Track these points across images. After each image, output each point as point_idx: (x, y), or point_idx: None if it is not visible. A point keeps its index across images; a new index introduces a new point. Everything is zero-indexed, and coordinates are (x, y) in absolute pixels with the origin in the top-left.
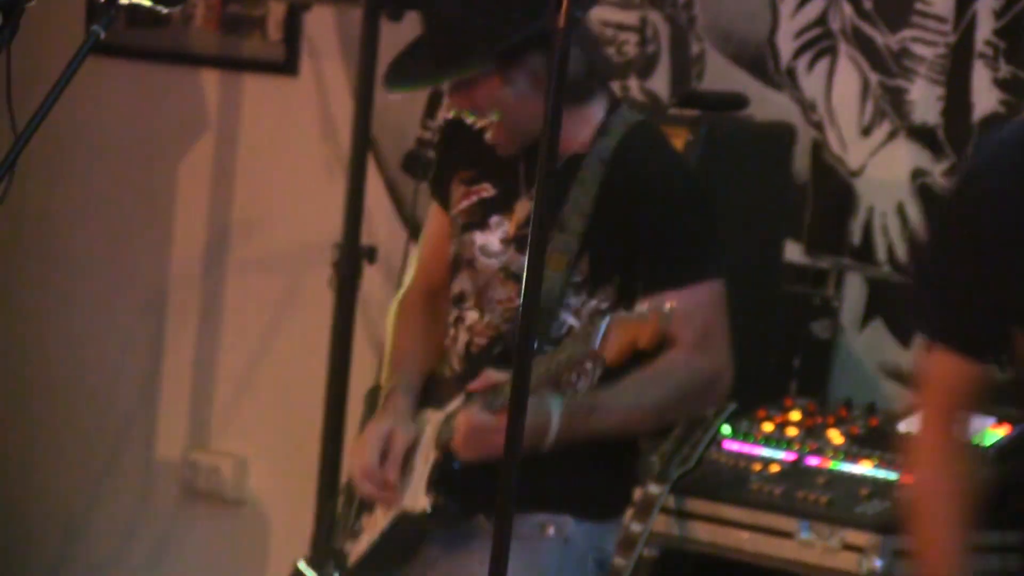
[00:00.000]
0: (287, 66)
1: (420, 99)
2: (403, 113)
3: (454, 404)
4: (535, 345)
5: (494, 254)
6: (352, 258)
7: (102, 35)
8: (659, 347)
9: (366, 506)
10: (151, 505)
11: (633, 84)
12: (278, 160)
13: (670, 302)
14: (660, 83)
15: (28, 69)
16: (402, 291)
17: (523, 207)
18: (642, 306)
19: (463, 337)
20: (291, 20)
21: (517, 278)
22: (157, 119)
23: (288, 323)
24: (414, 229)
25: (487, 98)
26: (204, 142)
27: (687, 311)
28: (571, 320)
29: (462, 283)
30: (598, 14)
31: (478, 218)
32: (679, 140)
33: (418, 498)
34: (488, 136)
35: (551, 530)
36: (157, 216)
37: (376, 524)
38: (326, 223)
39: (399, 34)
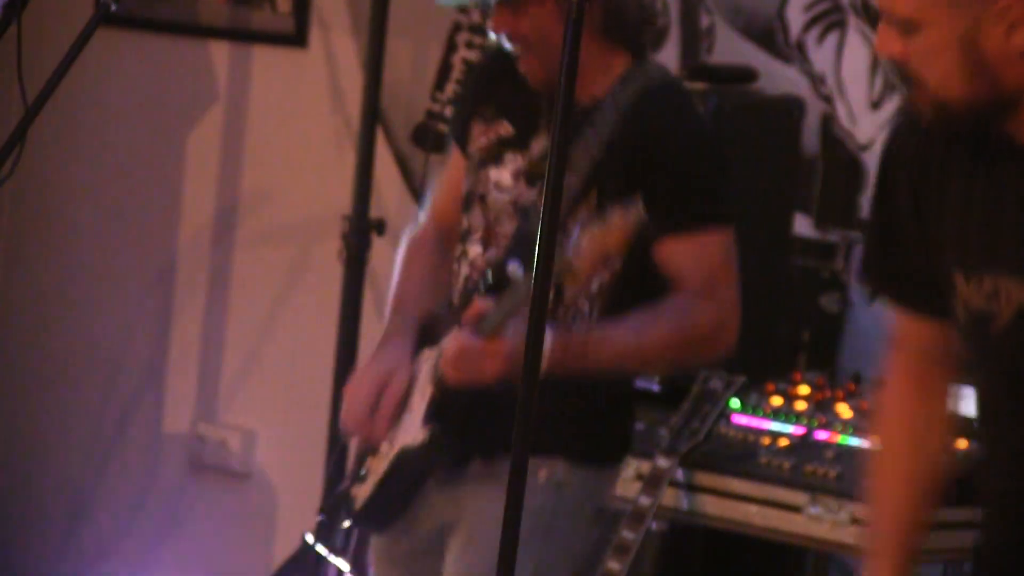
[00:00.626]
0: (296, 38)
1: (430, 72)
2: (413, 86)
3: (449, 339)
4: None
5: (506, 188)
6: (361, 230)
7: (113, 7)
8: (665, 291)
9: (370, 449)
10: (159, 478)
11: None
12: (287, 132)
13: (636, 206)
14: (670, 56)
15: (38, 41)
16: (413, 230)
17: (539, 143)
18: (612, 213)
19: (464, 271)
20: None
21: (523, 213)
22: (166, 91)
23: (297, 296)
24: (424, 202)
25: (533, 21)
26: (213, 114)
27: (695, 256)
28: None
29: (472, 218)
30: None
31: (495, 154)
32: None
33: (416, 432)
34: (521, 65)
35: (543, 474)
36: (166, 188)
37: (380, 466)
38: (335, 195)
39: (408, 7)
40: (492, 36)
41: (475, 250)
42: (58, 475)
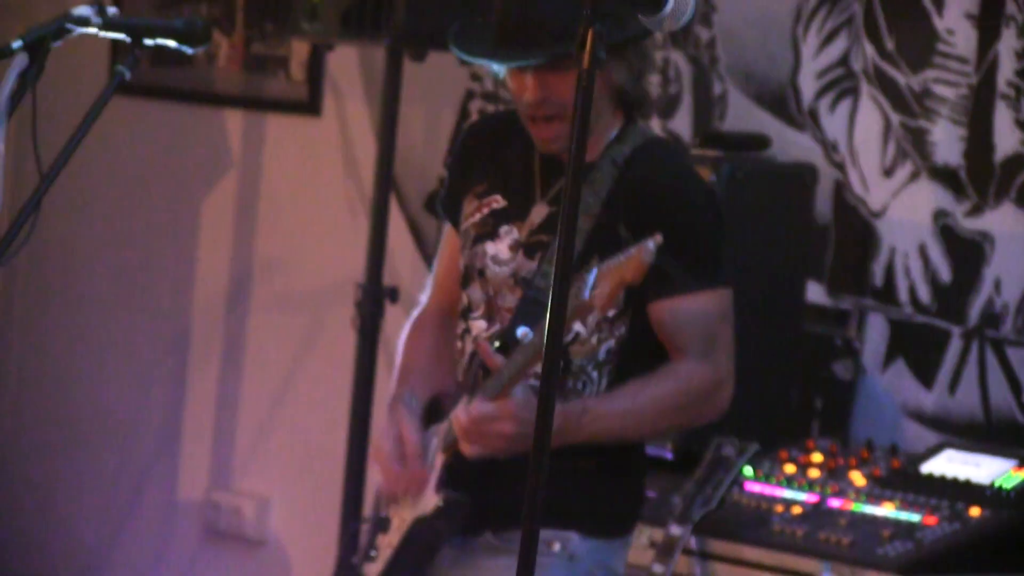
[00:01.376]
0: (310, 106)
1: (443, 139)
2: (426, 153)
3: (458, 409)
4: (529, 338)
5: (504, 262)
6: (374, 298)
7: (127, 76)
8: (663, 356)
9: (381, 526)
10: (173, 545)
11: (656, 124)
12: (301, 199)
13: (654, 239)
14: (683, 123)
15: (54, 109)
16: (416, 311)
17: (538, 212)
18: (630, 247)
19: (469, 347)
20: (314, 60)
21: (526, 283)
22: (181, 158)
23: (310, 363)
24: (426, 282)
25: (565, 87)
26: (228, 181)
27: (691, 319)
28: (579, 328)
29: (471, 293)
30: None
31: (489, 229)
32: None
33: (428, 500)
34: (547, 131)
35: (556, 546)
36: (180, 255)
37: (391, 543)
38: (349, 263)
39: (422, 75)
40: (522, 98)
41: (478, 326)
42: (73, 541)
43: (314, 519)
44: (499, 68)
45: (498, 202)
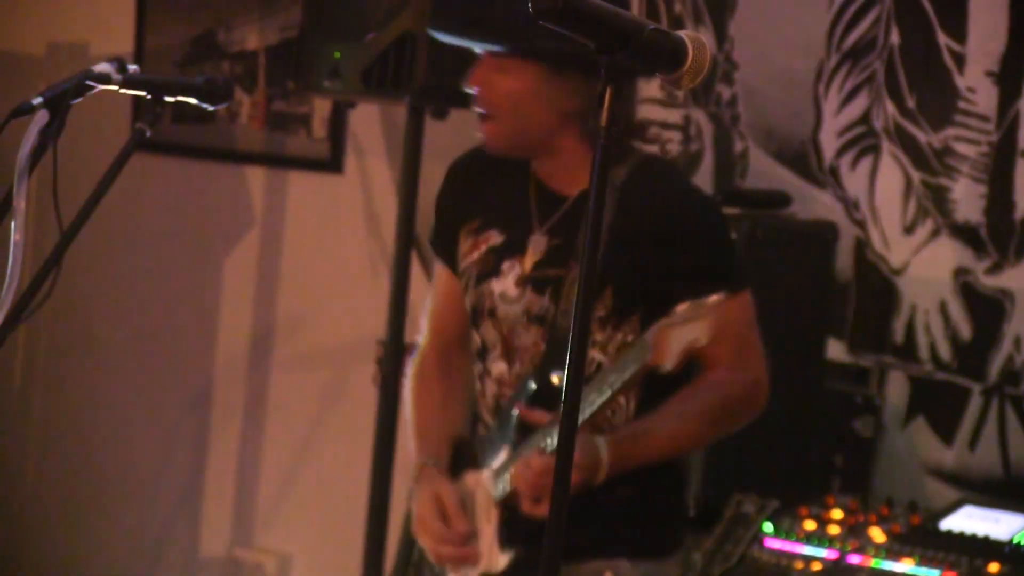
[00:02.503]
0: (332, 163)
1: None
2: None
3: (500, 459)
4: (579, 395)
5: (513, 299)
6: (396, 355)
7: (148, 133)
8: (683, 373)
9: None
10: None
11: None
12: (323, 257)
13: (714, 296)
14: (704, 181)
15: (75, 165)
16: (416, 358)
17: (537, 243)
18: (682, 308)
19: (491, 390)
20: (336, 118)
21: (540, 320)
22: (203, 215)
23: (332, 420)
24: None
25: (513, 84)
26: (250, 238)
27: (719, 325)
28: (598, 356)
29: (485, 333)
30: (643, 112)
31: (491, 266)
32: None
33: (494, 558)
34: (484, 128)
35: (608, 575)
36: (203, 311)
37: None
38: (370, 320)
39: (443, 132)
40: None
41: (499, 367)
42: None
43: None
44: (445, 39)
45: (495, 238)
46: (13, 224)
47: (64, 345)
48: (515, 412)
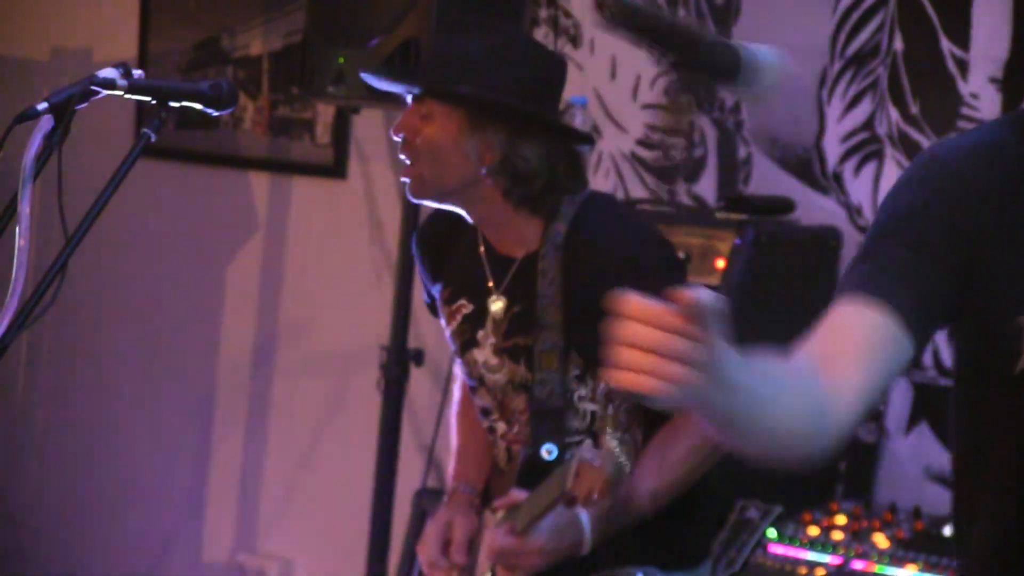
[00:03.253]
0: (336, 169)
1: None
2: None
3: (499, 514)
4: (555, 454)
5: (495, 368)
6: (399, 361)
7: (152, 138)
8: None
9: None
10: None
11: (680, 188)
12: (326, 262)
13: (609, 446)
14: (707, 187)
15: (81, 171)
16: (458, 381)
17: (496, 306)
18: (600, 451)
19: (501, 444)
20: (340, 123)
21: (524, 387)
22: (207, 221)
23: (335, 425)
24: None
25: (433, 129)
26: (253, 243)
27: None
28: (590, 407)
29: (481, 399)
30: (647, 118)
31: (469, 336)
32: (725, 244)
33: None
34: (405, 172)
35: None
36: (206, 317)
37: None
38: (373, 325)
39: None
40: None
41: (501, 427)
42: None
43: None
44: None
45: (466, 307)
46: (18, 229)
47: (67, 350)
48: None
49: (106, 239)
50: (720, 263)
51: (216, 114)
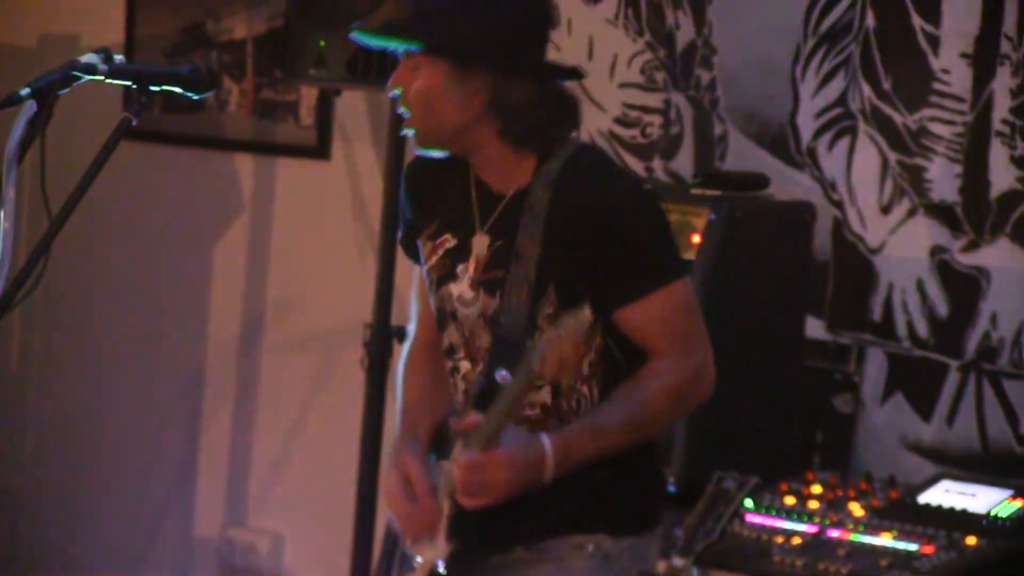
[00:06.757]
0: (319, 150)
1: None
2: None
3: (456, 450)
4: (509, 378)
5: (469, 302)
6: (383, 338)
7: (134, 122)
8: (642, 357)
9: (406, 565)
10: None
11: (657, 165)
12: (311, 241)
13: (583, 312)
14: (684, 163)
15: (68, 154)
16: (407, 344)
17: (479, 242)
18: (565, 319)
19: (461, 386)
20: (323, 105)
21: (494, 322)
22: (193, 202)
23: (322, 402)
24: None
25: (422, 80)
26: (239, 224)
27: (653, 320)
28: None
29: (450, 335)
30: (624, 97)
31: (448, 270)
32: (701, 219)
33: (439, 546)
34: (406, 124)
35: (590, 547)
36: (194, 297)
37: None
38: (357, 303)
39: None
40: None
41: (465, 365)
42: None
43: (326, 555)
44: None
45: (450, 241)
46: (2, 212)
47: (59, 331)
48: (466, 390)
49: (96, 222)
50: (696, 238)
51: (196, 97)
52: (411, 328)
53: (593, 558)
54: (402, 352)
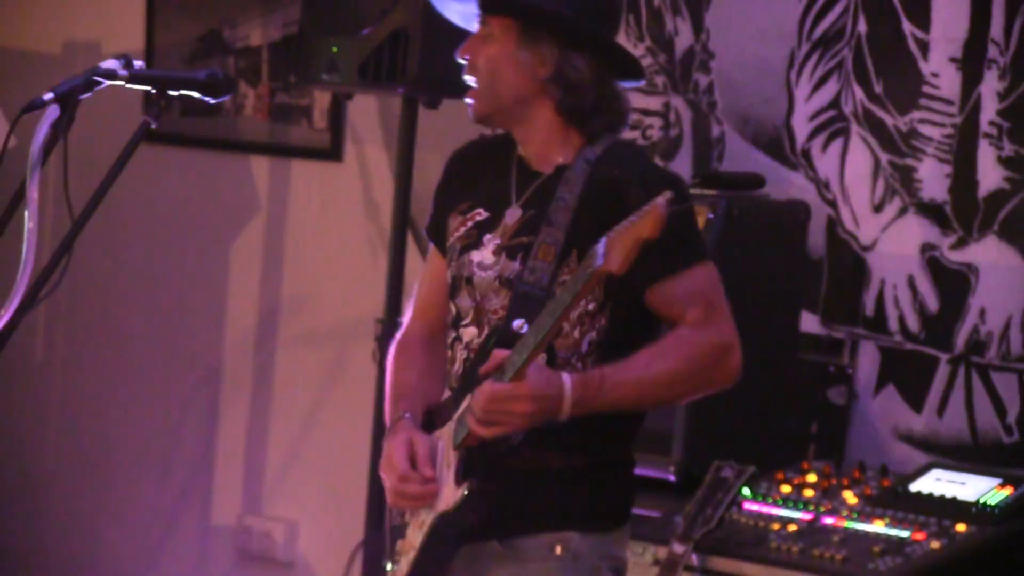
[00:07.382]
0: (332, 152)
1: None
2: None
3: (462, 408)
4: (526, 327)
5: (488, 267)
6: (394, 332)
7: (153, 125)
8: (644, 346)
9: (397, 533)
10: (208, 568)
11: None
12: (324, 240)
13: (664, 195)
14: (683, 164)
15: (91, 157)
16: (399, 334)
17: (512, 215)
18: (639, 209)
19: (460, 356)
20: (335, 109)
21: (510, 283)
22: (210, 203)
23: (335, 395)
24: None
25: (492, 51)
26: (255, 224)
27: (689, 292)
28: (566, 327)
29: (460, 302)
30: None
31: (474, 239)
32: (700, 218)
33: (449, 497)
34: (470, 94)
35: (558, 549)
36: (212, 295)
37: (411, 543)
38: (369, 299)
39: (436, 121)
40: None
41: (469, 332)
42: (114, 565)
43: (339, 541)
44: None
45: (481, 215)
46: (27, 213)
47: (82, 326)
48: (466, 358)
49: (117, 221)
50: None
51: (213, 101)
52: (406, 319)
53: (562, 560)
54: (393, 340)
